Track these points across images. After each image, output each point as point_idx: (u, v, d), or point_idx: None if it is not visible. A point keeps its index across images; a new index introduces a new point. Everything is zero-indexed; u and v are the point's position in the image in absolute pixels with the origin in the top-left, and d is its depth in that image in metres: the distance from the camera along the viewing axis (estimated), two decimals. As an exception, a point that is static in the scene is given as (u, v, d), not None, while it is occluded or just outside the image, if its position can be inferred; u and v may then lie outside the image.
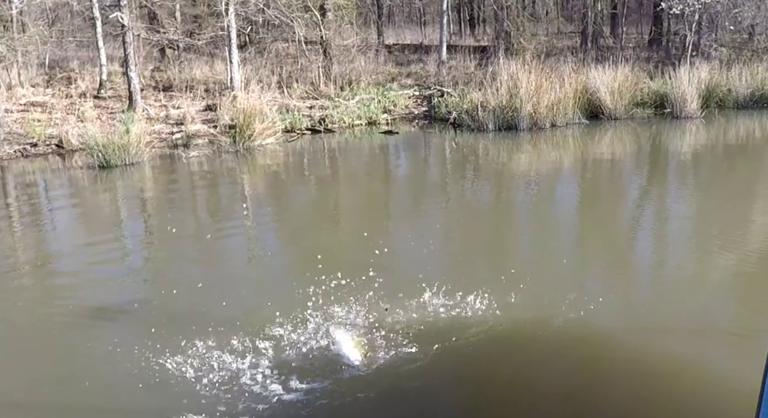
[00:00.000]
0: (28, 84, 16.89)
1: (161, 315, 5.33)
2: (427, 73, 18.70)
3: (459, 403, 4.03)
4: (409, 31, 29.68)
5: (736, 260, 6.26)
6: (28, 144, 12.91)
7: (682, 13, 18.29)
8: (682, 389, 4.06)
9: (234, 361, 4.52)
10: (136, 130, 11.89)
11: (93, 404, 4.19)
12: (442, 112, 15.44)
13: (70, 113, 14.43)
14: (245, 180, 11.06)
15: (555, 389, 4.14)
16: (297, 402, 4.05)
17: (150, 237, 8.08)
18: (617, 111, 14.68)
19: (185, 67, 18.29)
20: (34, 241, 7.78)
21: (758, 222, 7.61)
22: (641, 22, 26.25)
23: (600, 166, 11.31)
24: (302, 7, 17.47)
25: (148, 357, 4.59)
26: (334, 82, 17.23)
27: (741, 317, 5.17)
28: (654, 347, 4.56)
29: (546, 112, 13.81)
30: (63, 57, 20.45)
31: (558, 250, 6.87)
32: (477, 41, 25.18)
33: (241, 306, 5.47)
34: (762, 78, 16.03)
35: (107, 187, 10.57)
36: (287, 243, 7.74)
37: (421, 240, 7.11)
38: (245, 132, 12.86)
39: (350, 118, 15.33)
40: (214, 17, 17.28)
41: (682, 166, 11.19)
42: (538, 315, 5.05)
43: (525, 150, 12.56)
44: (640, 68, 17.21)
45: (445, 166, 12.10)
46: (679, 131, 13.95)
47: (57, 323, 5.37)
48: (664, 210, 8.54)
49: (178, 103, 15.35)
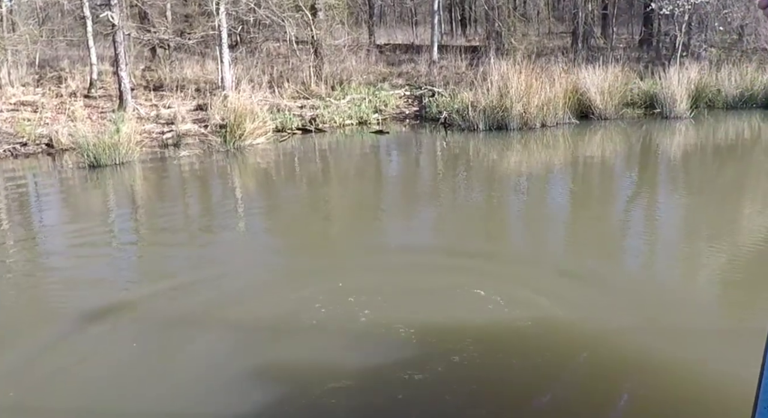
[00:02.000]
0: (18, 83, 16.82)
1: (151, 314, 5.33)
2: (419, 73, 18.73)
3: (452, 402, 4.05)
4: (401, 31, 29.72)
5: (729, 259, 6.30)
6: (18, 143, 12.86)
7: (672, 14, 18.40)
8: (677, 388, 4.08)
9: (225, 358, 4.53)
10: (126, 129, 11.87)
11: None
12: (433, 112, 15.47)
13: (61, 113, 14.38)
14: (236, 179, 11.06)
15: (549, 389, 4.15)
16: (280, 399, 4.06)
17: (140, 235, 8.06)
18: (607, 111, 14.74)
19: (176, 67, 18.27)
20: (22, 239, 7.75)
21: (750, 221, 7.66)
22: (632, 23, 26.38)
23: (590, 165, 11.36)
24: (293, 7, 17.47)
25: (144, 356, 4.60)
26: (325, 81, 17.23)
27: (735, 315, 5.20)
28: (648, 346, 4.58)
29: (536, 112, 13.86)
30: (53, 56, 20.38)
31: (549, 250, 6.90)
32: (468, 41, 25.25)
33: (234, 304, 5.48)
34: (751, 78, 16.14)
35: (97, 186, 10.54)
36: (278, 239, 7.74)
37: (409, 236, 7.14)
38: (236, 132, 12.85)
39: (341, 118, 15.34)
40: (205, 17, 17.24)
41: (671, 166, 11.26)
42: (530, 316, 5.07)
43: (515, 150, 12.60)
44: (631, 68, 17.30)
45: (435, 165, 12.12)
46: (669, 131, 14.02)
47: (46, 322, 5.35)
48: (655, 209, 8.59)
49: (168, 103, 15.32)
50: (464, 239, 7.25)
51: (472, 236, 7.42)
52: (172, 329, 5.05)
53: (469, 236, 7.38)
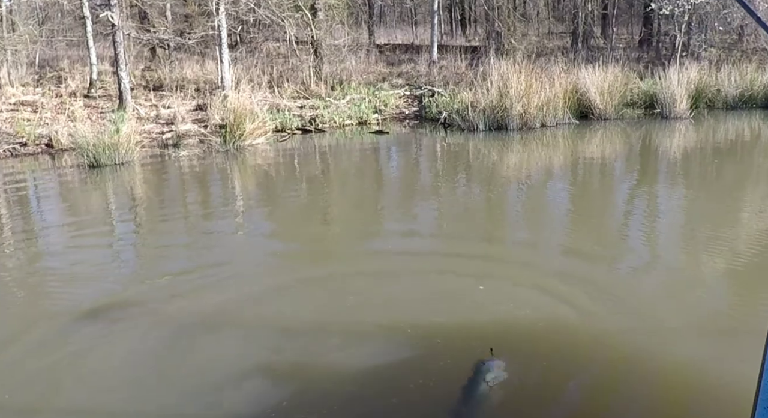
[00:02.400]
0: (18, 83, 16.81)
1: (151, 314, 5.33)
2: (418, 73, 18.73)
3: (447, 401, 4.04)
4: (401, 31, 29.73)
5: (730, 260, 6.30)
6: (18, 143, 12.85)
7: (672, 14, 18.42)
8: (677, 389, 4.08)
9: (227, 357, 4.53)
10: (126, 129, 11.86)
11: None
12: (432, 112, 15.46)
13: (60, 113, 14.37)
14: (235, 180, 11.05)
15: (547, 390, 4.15)
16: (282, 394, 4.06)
17: (139, 235, 8.06)
18: (607, 111, 14.75)
19: (176, 67, 18.25)
20: (21, 239, 7.75)
21: (750, 221, 7.66)
22: (631, 23, 26.39)
23: (590, 165, 11.35)
24: (293, 7, 17.46)
25: (144, 355, 4.59)
26: (325, 81, 17.23)
27: (735, 316, 5.20)
28: (649, 346, 4.58)
29: (536, 112, 13.86)
30: (53, 56, 20.36)
31: (549, 251, 6.89)
32: (468, 41, 25.23)
33: (235, 304, 5.47)
34: (751, 78, 16.14)
35: (97, 186, 10.54)
36: (278, 240, 7.73)
37: (410, 237, 7.14)
38: (236, 132, 12.85)
39: (341, 118, 15.33)
40: (205, 17, 17.23)
41: (671, 166, 11.25)
42: (529, 316, 5.06)
43: (515, 150, 12.59)
44: (630, 69, 17.30)
45: (435, 165, 12.12)
46: (669, 131, 14.02)
47: (44, 321, 5.35)
48: (655, 209, 8.58)
49: (168, 103, 15.31)
50: (465, 240, 7.24)
51: (472, 236, 7.42)
52: (171, 328, 5.04)
53: (469, 237, 7.37)
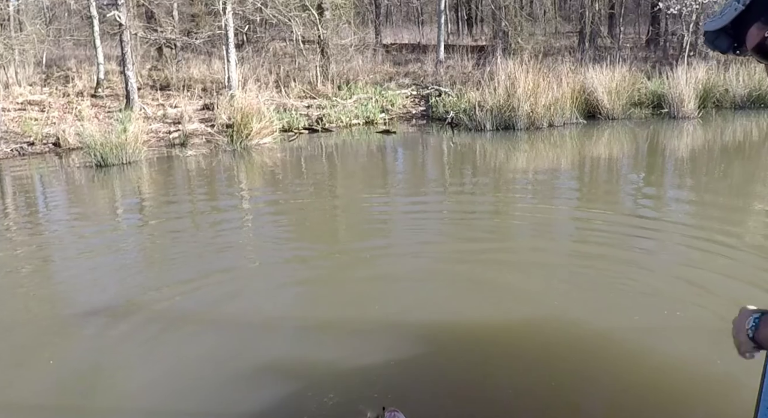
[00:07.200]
0: (25, 83, 16.89)
1: (159, 314, 5.32)
2: (425, 72, 18.73)
3: (447, 401, 4.02)
4: (407, 30, 29.74)
5: (733, 260, 6.26)
6: (25, 143, 12.90)
7: (680, 14, 18.35)
8: (678, 389, 4.05)
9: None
10: (133, 129, 11.90)
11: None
12: (439, 112, 15.44)
13: (67, 112, 14.42)
14: (243, 179, 11.05)
15: (545, 389, 4.13)
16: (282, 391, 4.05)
17: (147, 235, 8.05)
18: (615, 111, 14.70)
19: (182, 66, 18.30)
20: (30, 238, 7.76)
21: (756, 222, 7.62)
22: (639, 22, 26.36)
23: (598, 165, 11.31)
24: (300, 7, 17.48)
25: (151, 355, 4.59)
26: (332, 81, 17.24)
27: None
28: (650, 346, 4.56)
29: (543, 112, 13.83)
30: (60, 56, 20.46)
31: (555, 250, 6.86)
32: (475, 41, 25.22)
33: (242, 305, 5.46)
34: (759, 78, 16.05)
35: (104, 185, 10.56)
36: (286, 240, 7.72)
37: (418, 236, 7.12)
38: (242, 131, 12.86)
39: (348, 118, 15.33)
40: (212, 16, 17.28)
41: (678, 166, 11.20)
42: (529, 314, 5.04)
43: (523, 150, 12.56)
44: (638, 68, 17.26)
45: (442, 165, 12.09)
46: (677, 131, 13.96)
47: (51, 322, 5.35)
48: (661, 209, 8.54)
49: (175, 102, 15.34)
50: (472, 240, 7.22)
51: (479, 236, 7.40)
52: (178, 329, 5.03)
53: (476, 237, 7.35)
